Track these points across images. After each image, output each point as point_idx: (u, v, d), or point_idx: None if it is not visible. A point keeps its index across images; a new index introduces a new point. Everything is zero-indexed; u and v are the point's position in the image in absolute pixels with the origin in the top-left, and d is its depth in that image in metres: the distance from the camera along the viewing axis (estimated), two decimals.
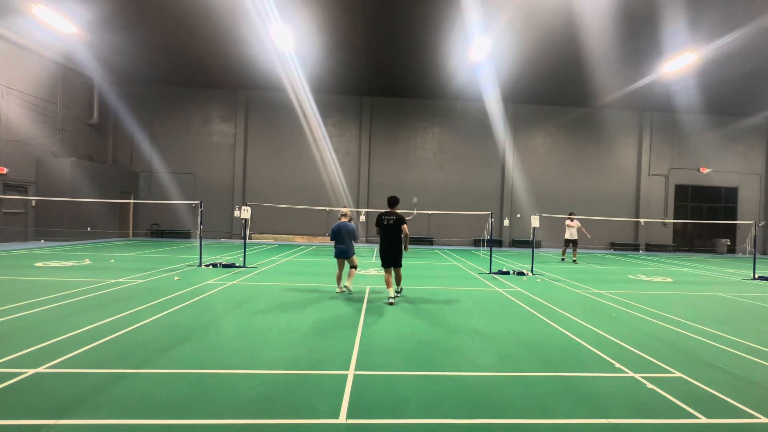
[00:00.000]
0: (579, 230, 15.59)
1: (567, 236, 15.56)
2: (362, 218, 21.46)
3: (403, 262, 7.48)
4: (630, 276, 11.87)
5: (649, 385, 3.82)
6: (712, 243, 23.21)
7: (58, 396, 3.28)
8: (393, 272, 7.32)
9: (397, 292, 7.50)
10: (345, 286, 7.83)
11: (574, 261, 15.69)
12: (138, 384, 3.54)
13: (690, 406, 3.41)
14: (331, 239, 7.84)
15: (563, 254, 16.30)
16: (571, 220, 15.50)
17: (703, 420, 3.20)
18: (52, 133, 17.99)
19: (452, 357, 4.48)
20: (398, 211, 7.42)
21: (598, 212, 21.46)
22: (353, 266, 7.89)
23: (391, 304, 6.90)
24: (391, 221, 7.18)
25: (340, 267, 7.92)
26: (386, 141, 22.34)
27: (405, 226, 7.20)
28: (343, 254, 7.75)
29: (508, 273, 11.37)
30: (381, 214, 7.31)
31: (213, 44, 16.12)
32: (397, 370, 4.05)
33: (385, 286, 7.27)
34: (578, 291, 8.97)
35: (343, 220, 7.90)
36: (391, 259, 7.23)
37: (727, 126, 22.95)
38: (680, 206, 23.30)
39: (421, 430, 2.94)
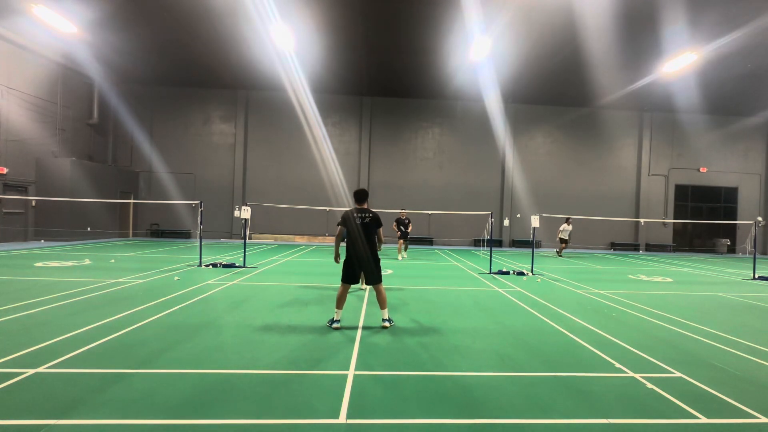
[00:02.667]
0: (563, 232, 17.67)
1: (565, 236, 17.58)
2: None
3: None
4: (630, 276, 11.87)
5: (649, 385, 3.82)
6: (712, 243, 23.21)
7: (58, 396, 3.28)
8: (374, 290, 5.69)
9: (389, 320, 5.59)
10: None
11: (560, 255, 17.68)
12: (138, 384, 3.54)
13: (690, 406, 3.41)
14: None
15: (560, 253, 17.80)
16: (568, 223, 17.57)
17: (703, 420, 3.19)
18: (52, 133, 17.98)
19: (452, 357, 4.47)
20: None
21: (598, 212, 21.48)
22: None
23: (336, 328, 5.38)
24: (367, 220, 5.49)
25: None
26: (386, 141, 22.35)
27: (381, 230, 5.67)
28: None
29: (508, 273, 11.37)
30: (350, 211, 5.56)
31: (213, 44, 16.12)
32: (397, 370, 4.05)
33: (336, 306, 5.51)
34: (578, 291, 8.97)
35: None
36: (365, 272, 5.55)
37: (727, 126, 22.95)
38: (680, 206, 23.30)
39: (421, 430, 2.94)
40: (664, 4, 12.36)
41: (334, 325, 5.43)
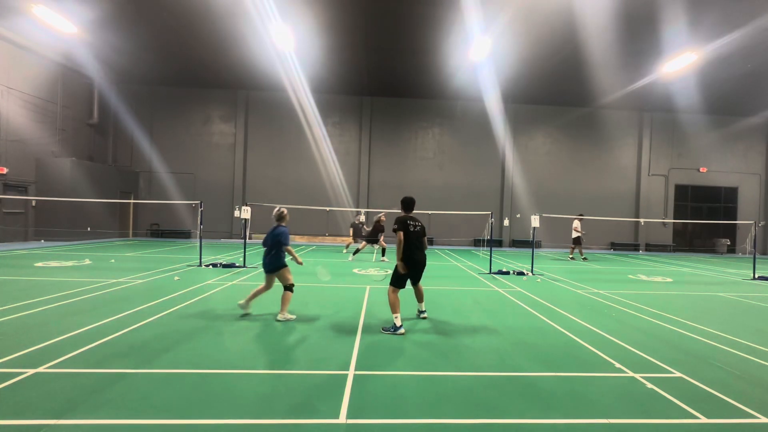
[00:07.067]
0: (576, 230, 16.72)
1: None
2: (362, 218, 21.44)
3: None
4: (630, 276, 11.87)
5: (649, 385, 3.83)
6: (712, 243, 23.21)
7: (58, 396, 3.28)
8: (417, 287, 6.09)
9: (424, 312, 6.19)
10: (282, 316, 5.78)
11: (584, 258, 16.64)
12: (138, 384, 3.54)
13: (690, 406, 3.41)
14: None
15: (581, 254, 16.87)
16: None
17: (703, 420, 3.20)
18: (52, 133, 17.98)
19: (452, 357, 4.48)
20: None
21: (598, 212, 21.47)
22: (286, 287, 5.93)
23: (402, 333, 5.33)
24: (419, 227, 5.80)
25: (267, 283, 6.05)
26: (386, 141, 22.34)
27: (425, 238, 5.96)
28: (264, 267, 5.99)
29: (508, 273, 11.37)
30: (405, 218, 5.71)
31: (213, 44, 16.11)
32: (397, 370, 4.05)
33: (393, 312, 5.44)
34: (578, 291, 8.97)
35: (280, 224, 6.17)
36: (419, 274, 5.84)
37: (727, 126, 22.94)
38: (680, 206, 23.30)
39: (421, 430, 2.94)
40: (664, 4, 12.35)
41: (399, 331, 5.29)
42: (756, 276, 11.98)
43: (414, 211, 5.99)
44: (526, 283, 9.87)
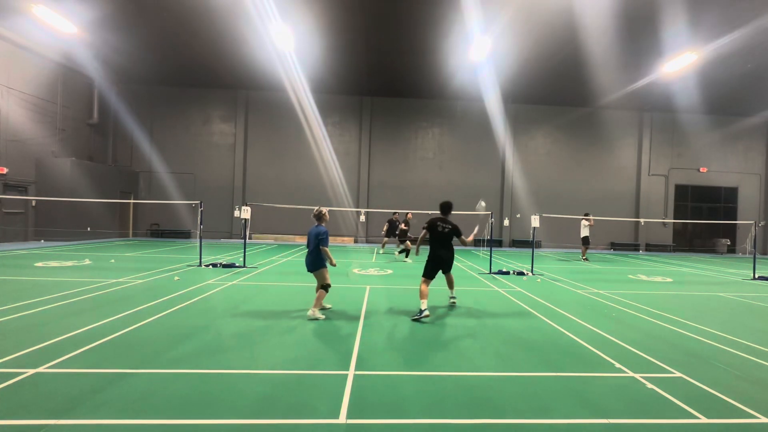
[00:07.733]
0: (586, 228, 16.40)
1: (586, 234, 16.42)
2: (362, 218, 21.46)
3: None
4: (630, 276, 11.86)
5: (649, 385, 3.82)
6: (712, 243, 23.20)
7: (58, 396, 3.28)
8: (448, 276, 7.08)
9: (454, 297, 7.14)
10: (312, 312, 5.90)
11: (585, 259, 16.36)
12: (138, 384, 3.54)
13: (690, 406, 3.41)
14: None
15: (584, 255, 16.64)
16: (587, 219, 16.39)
17: (703, 420, 3.20)
18: (52, 133, 17.98)
19: (452, 357, 4.48)
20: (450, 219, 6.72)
21: (598, 212, 21.45)
22: (322, 286, 6.07)
23: (426, 316, 5.91)
24: (446, 230, 6.49)
25: (318, 281, 6.19)
26: (386, 141, 22.34)
27: (464, 238, 6.64)
28: (306, 266, 6.22)
29: (508, 273, 11.37)
30: (435, 220, 6.54)
31: (213, 44, 16.12)
32: (397, 370, 4.05)
33: (420, 298, 6.04)
34: (578, 291, 8.97)
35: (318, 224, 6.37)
36: (446, 267, 6.74)
37: (727, 126, 22.95)
38: (680, 206, 23.30)
39: (421, 430, 2.94)
40: (664, 5, 12.35)
41: (424, 314, 5.90)
42: (756, 276, 11.97)
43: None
44: (526, 283, 9.87)
